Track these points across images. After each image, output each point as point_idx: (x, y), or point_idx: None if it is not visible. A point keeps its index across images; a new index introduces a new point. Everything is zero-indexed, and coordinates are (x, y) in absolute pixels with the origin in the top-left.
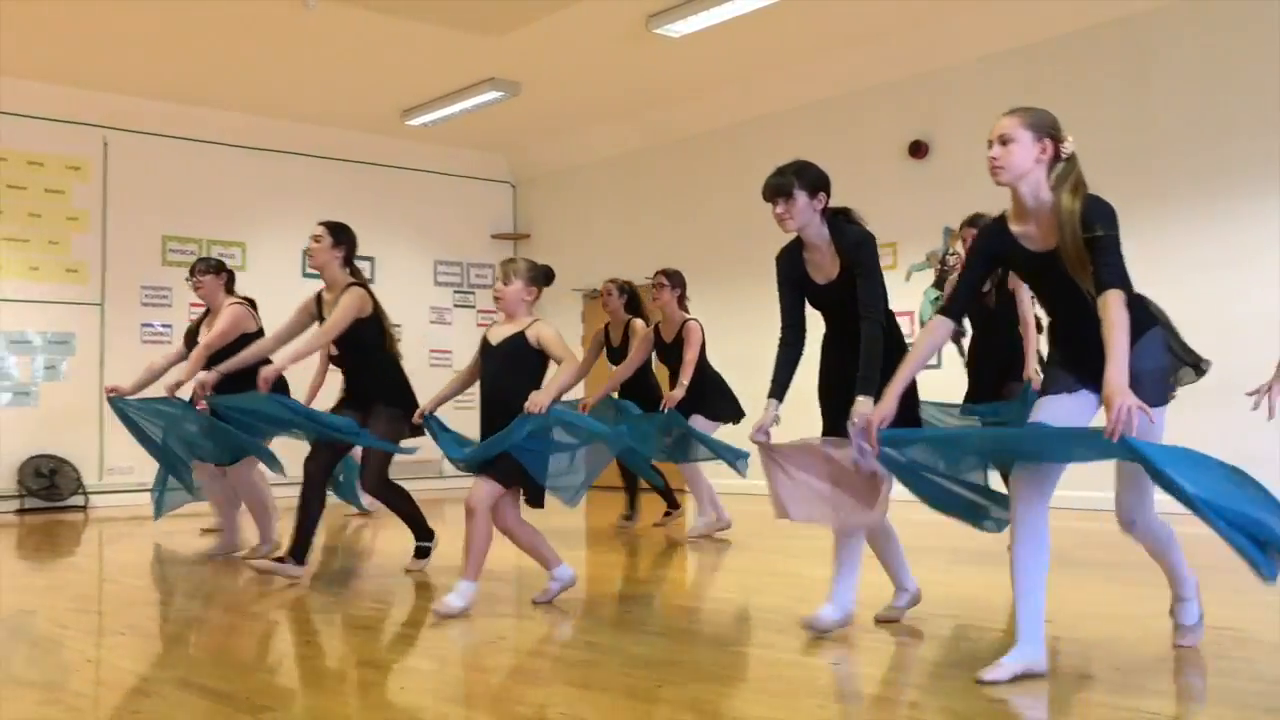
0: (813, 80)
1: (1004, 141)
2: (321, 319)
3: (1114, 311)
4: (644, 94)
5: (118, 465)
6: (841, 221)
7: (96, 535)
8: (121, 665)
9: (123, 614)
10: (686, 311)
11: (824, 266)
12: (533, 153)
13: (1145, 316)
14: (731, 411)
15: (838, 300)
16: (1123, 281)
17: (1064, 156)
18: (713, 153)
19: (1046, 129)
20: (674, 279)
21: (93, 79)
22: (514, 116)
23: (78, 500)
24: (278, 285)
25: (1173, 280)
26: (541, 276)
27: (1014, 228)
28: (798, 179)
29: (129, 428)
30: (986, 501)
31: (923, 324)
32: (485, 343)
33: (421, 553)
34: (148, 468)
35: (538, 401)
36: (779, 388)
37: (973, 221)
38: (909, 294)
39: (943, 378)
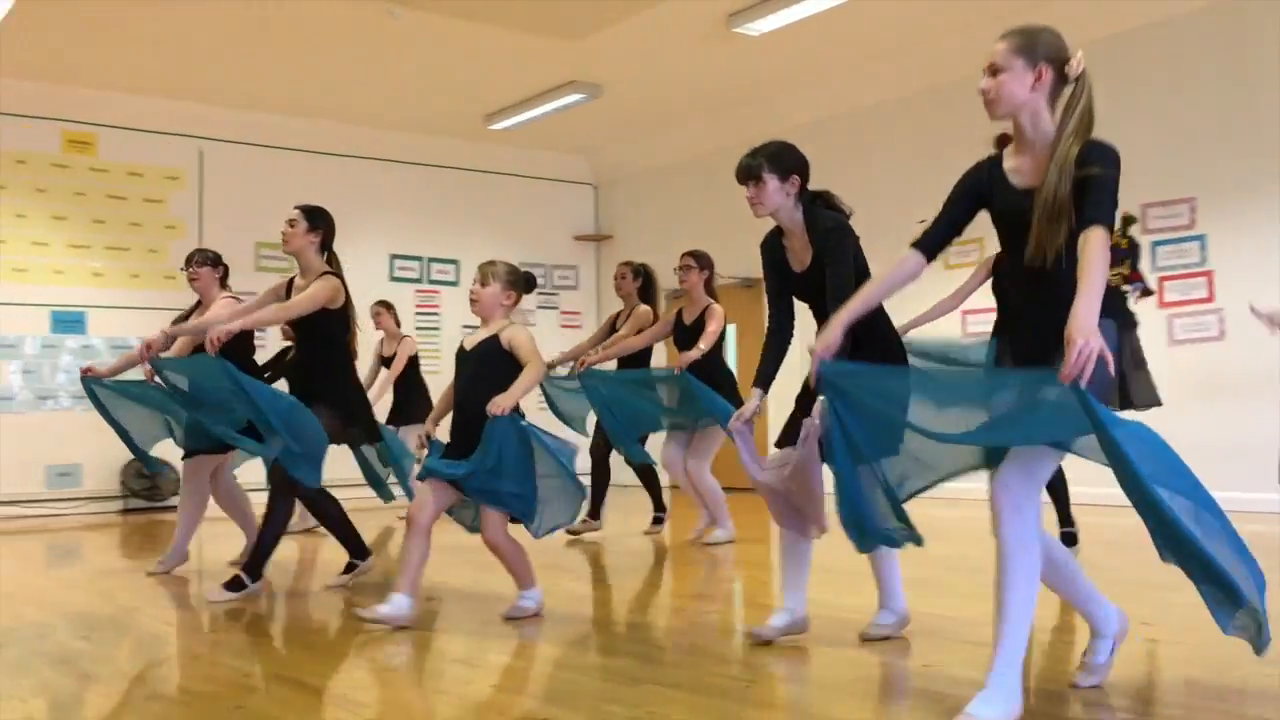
0: (896, 75)
1: (994, 71)
2: None
3: (1094, 248)
4: (725, 93)
5: None
6: (819, 207)
7: (195, 534)
8: (223, 661)
9: (222, 611)
10: (714, 296)
11: (799, 253)
12: (614, 154)
13: (1111, 305)
14: (730, 401)
15: (814, 290)
16: (1108, 222)
17: (1072, 79)
18: None
19: (1043, 52)
20: (701, 260)
21: (188, 91)
22: (595, 118)
23: (177, 501)
24: (364, 289)
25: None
26: (521, 281)
27: (1007, 163)
28: (768, 161)
29: (97, 408)
30: (880, 517)
31: None
32: (461, 349)
33: (234, 585)
34: (244, 469)
35: (500, 403)
36: (763, 377)
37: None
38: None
39: None
